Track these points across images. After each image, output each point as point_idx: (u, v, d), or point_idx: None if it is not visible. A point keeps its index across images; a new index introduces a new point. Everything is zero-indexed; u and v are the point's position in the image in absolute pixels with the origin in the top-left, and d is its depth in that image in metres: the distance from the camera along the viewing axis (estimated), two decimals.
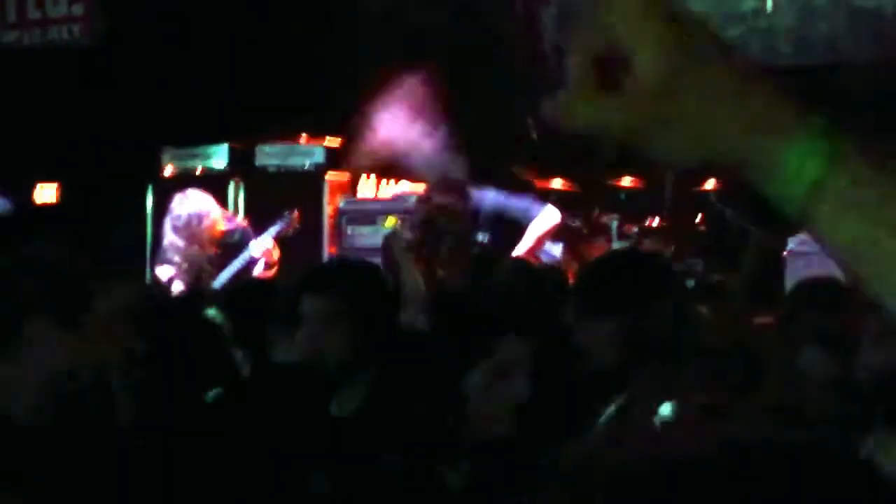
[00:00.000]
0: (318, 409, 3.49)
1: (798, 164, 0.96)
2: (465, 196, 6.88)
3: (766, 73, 0.99)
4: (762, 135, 0.97)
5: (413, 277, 5.91)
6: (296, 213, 7.96)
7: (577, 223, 8.76)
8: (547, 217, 7.17)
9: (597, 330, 3.17)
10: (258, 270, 7.65)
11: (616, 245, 8.85)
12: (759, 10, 9.78)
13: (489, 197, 7.11)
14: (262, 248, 7.66)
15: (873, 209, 0.94)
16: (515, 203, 7.16)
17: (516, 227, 7.07)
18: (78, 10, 10.26)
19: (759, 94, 0.99)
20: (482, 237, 7.06)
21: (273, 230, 7.79)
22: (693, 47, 1.00)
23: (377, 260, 7.82)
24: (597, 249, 8.81)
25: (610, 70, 1.01)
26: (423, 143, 7.62)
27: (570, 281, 8.22)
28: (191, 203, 7.69)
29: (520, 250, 6.99)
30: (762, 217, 8.38)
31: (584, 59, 1.02)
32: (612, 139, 1.02)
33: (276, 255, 7.68)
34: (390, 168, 8.75)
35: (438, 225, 6.71)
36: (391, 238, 7.19)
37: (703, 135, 0.99)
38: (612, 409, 3.09)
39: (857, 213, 0.94)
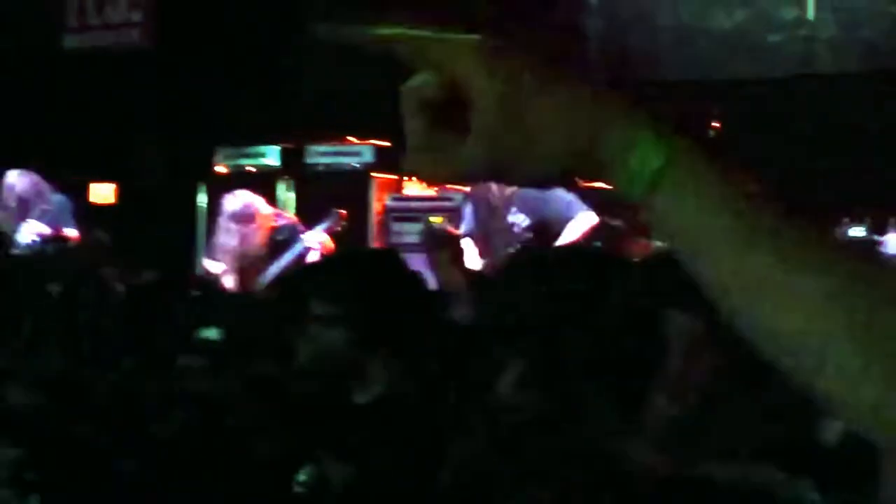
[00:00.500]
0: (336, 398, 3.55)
1: (639, 159, 1.02)
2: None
3: (592, 79, 1.06)
4: (612, 132, 1.03)
5: (449, 274, 5.99)
6: (342, 211, 8.17)
7: (617, 222, 8.92)
8: (584, 221, 7.31)
9: None
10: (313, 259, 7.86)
11: (656, 244, 9.00)
12: (800, 18, 9.90)
13: (533, 191, 7.27)
14: (317, 240, 7.88)
15: (701, 195, 1.02)
16: (559, 195, 7.30)
17: (553, 219, 7.23)
18: (136, 15, 10.60)
19: (595, 100, 1.05)
20: (523, 220, 7.22)
21: (320, 228, 8.00)
22: (522, 68, 1.04)
23: (422, 257, 8.13)
24: (638, 248, 8.99)
25: (448, 115, 1.04)
26: None
27: None
28: (241, 201, 7.92)
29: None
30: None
31: (420, 116, 1.06)
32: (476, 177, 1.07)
33: (331, 246, 7.90)
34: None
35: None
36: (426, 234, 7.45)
37: (552, 148, 1.03)
38: None
39: (688, 199, 1.02)
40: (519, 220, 7.29)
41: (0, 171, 8.80)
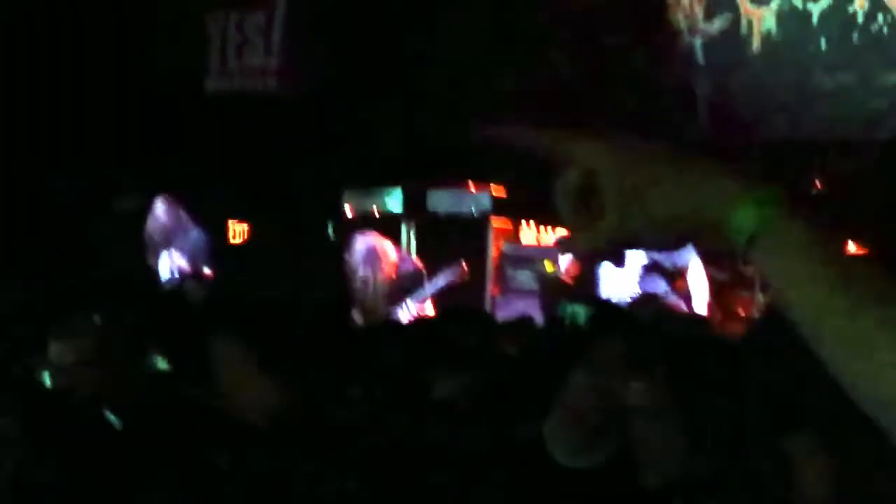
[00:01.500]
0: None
1: (738, 222, 1.14)
2: None
3: (702, 150, 1.22)
4: (719, 194, 1.16)
5: None
6: (464, 264, 8.54)
7: (722, 275, 9.24)
8: (700, 267, 7.66)
9: None
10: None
11: (759, 298, 9.32)
12: None
13: None
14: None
15: (802, 255, 1.11)
16: None
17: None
18: (272, 61, 11.16)
19: (701, 173, 1.18)
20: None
21: (442, 279, 8.37)
22: (641, 155, 1.20)
23: (535, 302, 8.60)
24: (742, 302, 9.33)
25: (588, 198, 1.21)
26: None
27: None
28: (369, 243, 8.32)
29: (701, 307, 7.49)
30: None
31: (569, 200, 1.22)
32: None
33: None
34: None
35: None
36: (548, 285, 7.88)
37: (669, 219, 1.18)
38: None
39: (789, 254, 1.12)
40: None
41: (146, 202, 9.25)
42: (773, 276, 1.13)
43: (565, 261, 8.06)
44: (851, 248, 8.11)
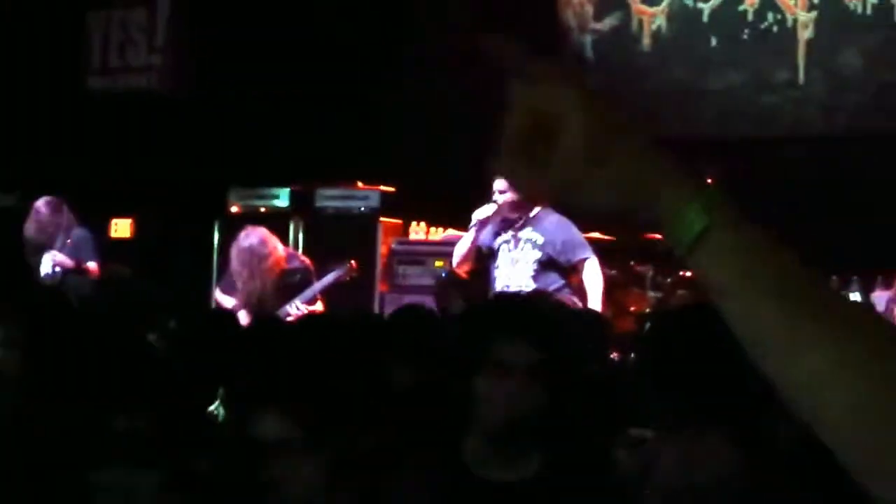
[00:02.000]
0: None
1: (690, 216, 1.09)
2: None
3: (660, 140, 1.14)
4: (666, 191, 1.11)
5: None
6: (353, 262, 8.40)
7: (613, 272, 9.23)
8: (597, 266, 7.62)
9: None
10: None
11: (650, 294, 9.33)
12: (792, 81, 10.23)
13: (553, 217, 7.52)
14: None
15: (742, 260, 1.09)
16: (575, 232, 7.62)
17: (561, 247, 7.51)
18: (156, 59, 10.96)
19: (663, 158, 1.13)
20: (536, 238, 7.52)
21: (331, 276, 8.22)
22: (613, 118, 1.12)
23: (426, 299, 8.46)
24: (632, 298, 9.34)
25: (537, 140, 1.11)
26: None
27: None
28: (255, 239, 8.07)
29: (596, 303, 7.47)
30: None
31: (517, 133, 1.12)
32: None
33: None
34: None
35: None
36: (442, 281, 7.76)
37: (621, 190, 1.11)
38: None
39: (729, 260, 1.09)
40: (533, 237, 7.59)
41: (27, 200, 9.03)
42: (712, 278, 1.10)
43: (457, 257, 7.94)
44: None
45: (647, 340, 4.17)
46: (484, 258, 7.76)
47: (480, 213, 7.65)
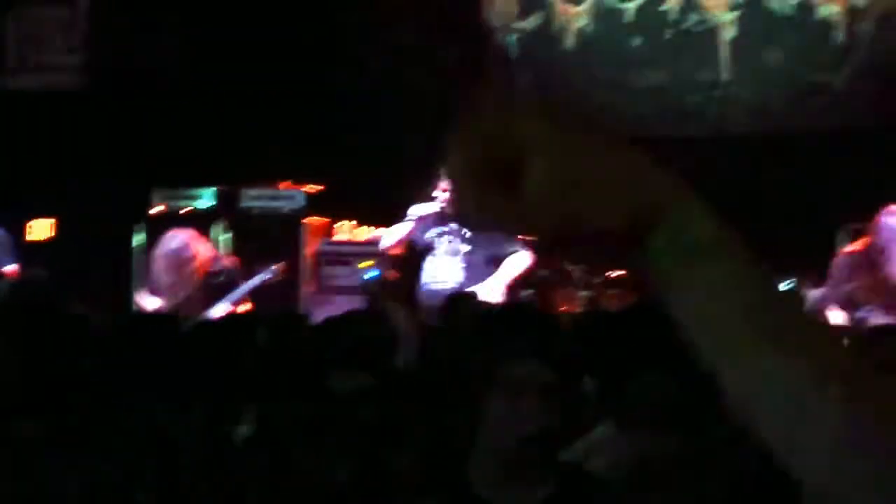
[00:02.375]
0: None
1: (669, 237, 1.03)
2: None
3: (650, 151, 1.06)
4: (644, 211, 1.04)
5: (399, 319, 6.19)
6: (281, 265, 8.36)
7: (544, 272, 9.26)
8: (523, 259, 7.62)
9: None
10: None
11: (581, 294, 9.36)
12: (715, 81, 10.30)
13: None
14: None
15: (721, 286, 1.03)
16: None
17: (491, 242, 7.52)
18: (74, 58, 10.76)
19: (645, 175, 1.05)
20: (464, 232, 7.51)
21: (258, 279, 8.15)
22: (583, 144, 1.05)
23: (351, 299, 8.41)
24: (562, 297, 9.37)
25: (498, 170, 1.03)
26: None
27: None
28: (179, 242, 8.01)
29: (494, 287, 7.44)
30: None
31: (472, 159, 1.04)
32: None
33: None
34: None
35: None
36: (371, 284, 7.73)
37: (590, 218, 1.04)
38: None
39: (707, 286, 1.03)
40: (466, 231, 7.57)
41: None
42: (687, 307, 1.04)
43: (389, 239, 7.90)
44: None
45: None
46: (415, 253, 7.73)
47: (419, 210, 7.60)
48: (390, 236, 7.83)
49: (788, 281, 7.78)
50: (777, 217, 9.44)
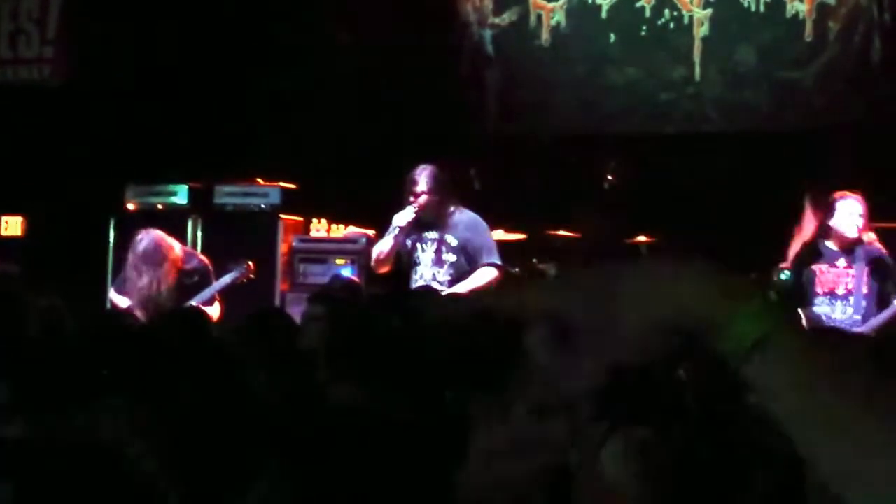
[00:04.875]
0: None
1: (744, 329, 1.15)
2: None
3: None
4: (723, 305, 1.16)
5: None
6: (250, 264, 8.30)
7: (516, 270, 9.29)
8: (489, 274, 7.64)
9: None
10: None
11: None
12: (688, 78, 10.34)
13: (471, 217, 7.61)
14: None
15: (796, 370, 1.15)
16: (489, 238, 7.67)
17: (472, 250, 7.53)
18: (48, 51, 10.71)
19: (720, 273, 1.18)
20: (451, 240, 7.53)
21: (228, 278, 8.13)
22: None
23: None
24: None
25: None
26: None
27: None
28: (153, 240, 8.01)
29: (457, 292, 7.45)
30: None
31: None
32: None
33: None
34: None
35: None
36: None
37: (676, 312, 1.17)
38: None
39: (786, 369, 1.15)
40: (449, 240, 7.59)
41: None
42: (765, 381, 1.15)
43: (378, 257, 7.82)
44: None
45: None
46: (401, 261, 7.72)
47: (401, 219, 7.58)
48: (379, 256, 7.75)
49: (783, 272, 7.84)
50: (747, 213, 9.50)
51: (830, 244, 7.58)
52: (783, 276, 7.84)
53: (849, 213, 7.54)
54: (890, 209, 7.73)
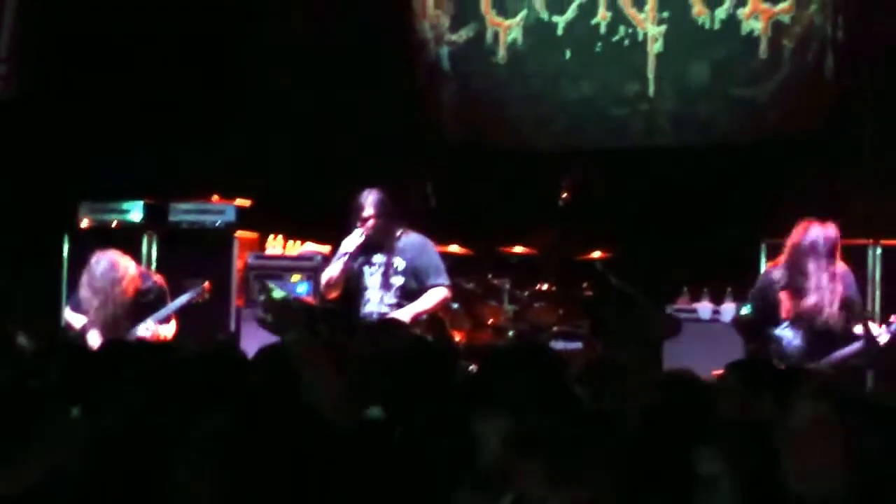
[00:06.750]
0: None
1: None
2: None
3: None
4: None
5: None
6: (206, 283, 8.26)
7: (471, 285, 9.31)
8: (438, 294, 7.65)
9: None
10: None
11: (508, 307, 9.42)
12: (642, 94, 10.38)
13: (417, 239, 7.67)
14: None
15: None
16: (436, 260, 7.68)
17: (421, 270, 7.56)
18: (2, 68, 10.65)
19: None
20: (398, 263, 7.56)
21: (184, 298, 8.10)
22: None
23: None
24: (489, 311, 9.42)
25: None
26: None
27: (460, 338, 8.87)
28: (106, 264, 7.97)
29: (406, 314, 7.45)
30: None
31: None
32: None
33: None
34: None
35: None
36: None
37: None
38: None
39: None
40: (395, 262, 7.60)
41: None
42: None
43: (327, 282, 7.79)
44: None
45: None
46: (350, 284, 7.72)
47: (349, 244, 7.60)
48: (329, 281, 7.75)
49: (745, 305, 7.84)
50: (701, 229, 9.55)
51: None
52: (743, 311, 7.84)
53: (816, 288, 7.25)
54: (846, 225, 7.69)
